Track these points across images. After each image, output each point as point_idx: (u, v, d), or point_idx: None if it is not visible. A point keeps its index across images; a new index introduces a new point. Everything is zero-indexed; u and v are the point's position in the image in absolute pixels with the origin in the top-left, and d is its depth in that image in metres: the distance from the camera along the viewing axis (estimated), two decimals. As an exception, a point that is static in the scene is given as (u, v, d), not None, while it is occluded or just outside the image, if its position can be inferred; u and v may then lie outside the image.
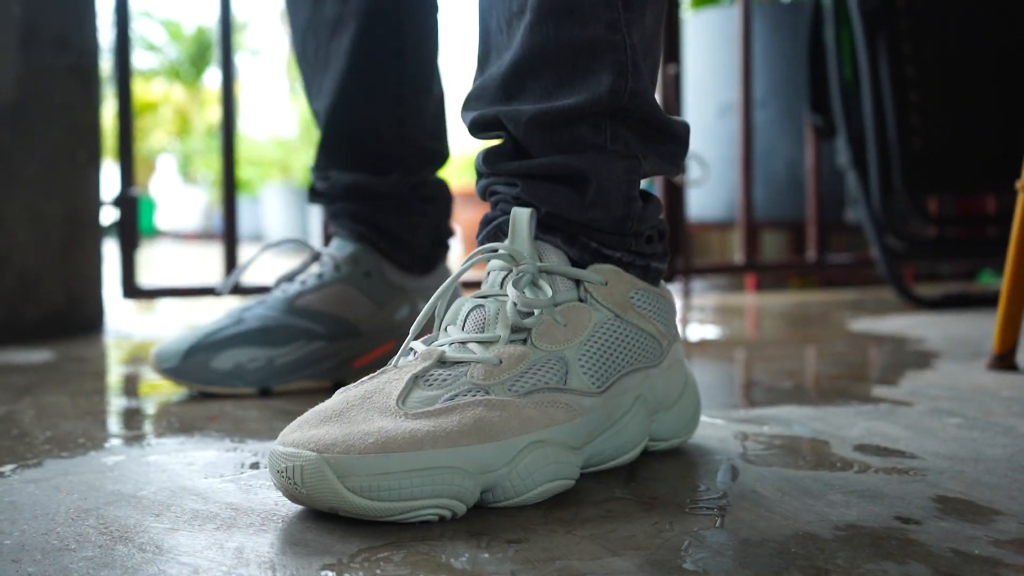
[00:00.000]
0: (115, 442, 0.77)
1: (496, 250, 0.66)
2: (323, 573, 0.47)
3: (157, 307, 2.10)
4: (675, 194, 2.09)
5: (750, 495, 0.60)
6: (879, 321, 1.66)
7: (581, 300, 0.66)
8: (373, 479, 0.53)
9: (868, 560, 0.49)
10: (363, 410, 0.57)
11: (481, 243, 0.71)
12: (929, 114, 1.81)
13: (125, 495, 0.61)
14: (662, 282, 0.73)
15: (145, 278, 2.16)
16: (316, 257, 1.04)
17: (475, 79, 0.72)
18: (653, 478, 0.65)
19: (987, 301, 1.83)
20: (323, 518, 0.56)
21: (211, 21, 13.05)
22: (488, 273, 0.68)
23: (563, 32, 0.66)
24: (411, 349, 0.63)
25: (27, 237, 1.44)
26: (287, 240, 1.07)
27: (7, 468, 0.68)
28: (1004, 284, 1.07)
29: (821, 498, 0.59)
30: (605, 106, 0.66)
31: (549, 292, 0.64)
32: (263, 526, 0.55)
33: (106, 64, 1.74)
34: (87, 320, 1.53)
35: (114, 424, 0.86)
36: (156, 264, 4.64)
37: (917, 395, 0.94)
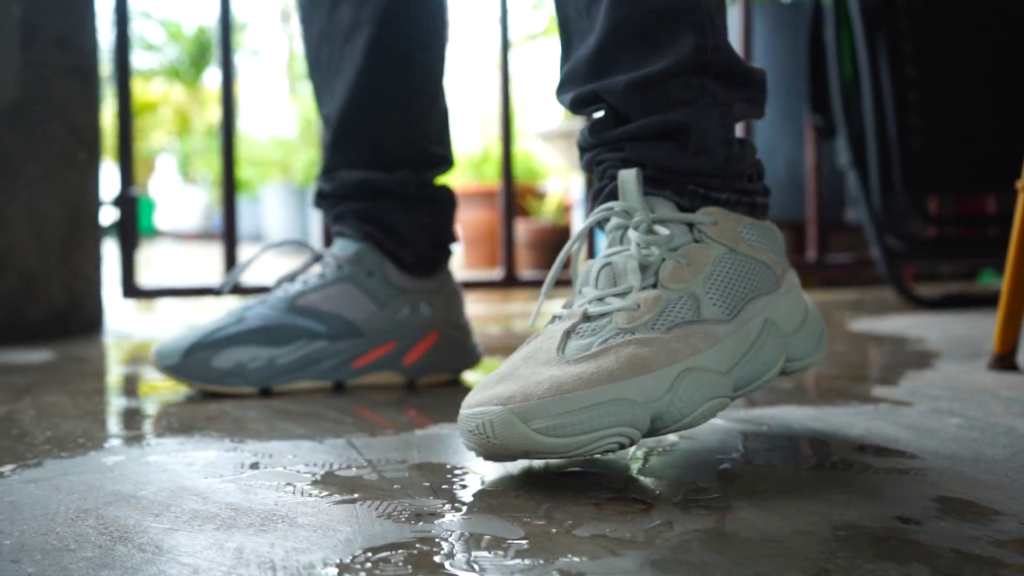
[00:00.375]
0: (115, 442, 0.77)
1: (611, 209, 0.72)
2: (323, 573, 0.47)
3: (157, 307, 2.10)
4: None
5: (750, 495, 0.60)
6: (879, 321, 1.66)
7: (696, 241, 0.72)
8: (555, 419, 0.60)
9: (868, 560, 0.49)
10: (529, 366, 0.64)
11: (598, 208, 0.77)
12: (929, 114, 1.81)
13: (125, 495, 0.61)
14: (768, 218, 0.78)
15: (145, 278, 2.16)
16: (318, 258, 1.04)
17: (562, 65, 0.78)
18: (653, 478, 0.65)
19: (987, 301, 1.83)
20: (322, 519, 0.56)
21: (211, 21, 13.05)
22: (607, 236, 0.74)
23: (642, 4, 0.72)
24: (555, 316, 0.70)
25: (27, 237, 1.44)
26: (288, 241, 1.08)
27: (7, 468, 0.68)
28: (1004, 284, 1.07)
29: (821, 498, 0.59)
30: (691, 64, 0.72)
31: (666, 232, 0.70)
32: (263, 526, 0.55)
33: (106, 64, 1.74)
34: (87, 320, 1.53)
35: (114, 424, 0.86)
36: (156, 264, 4.64)
37: (917, 395, 0.94)
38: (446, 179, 1.09)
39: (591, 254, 2.08)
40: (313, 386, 0.98)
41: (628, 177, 0.72)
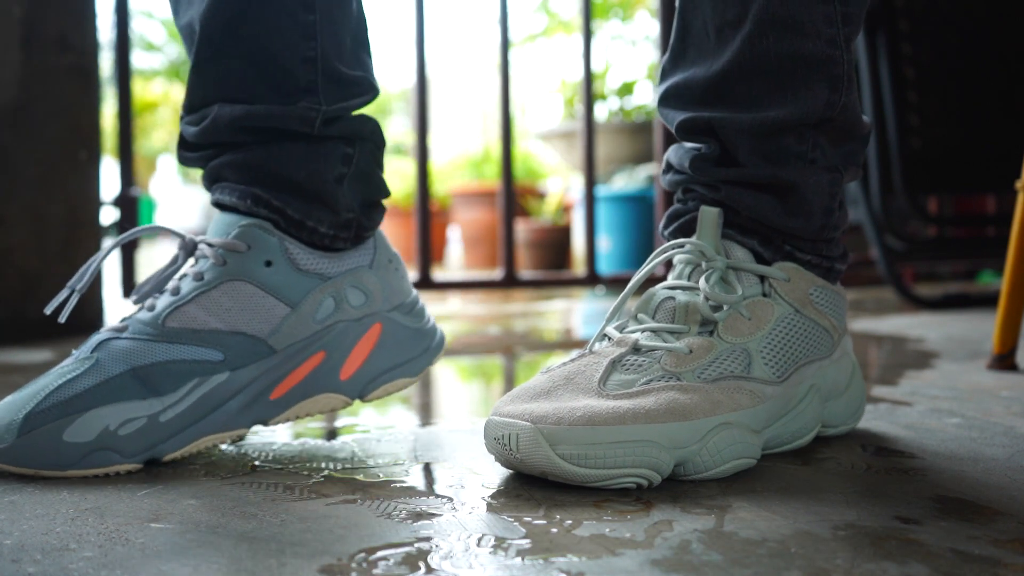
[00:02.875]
0: (115, 442, 0.77)
1: (684, 245, 0.71)
2: (323, 573, 0.47)
3: (157, 307, 2.10)
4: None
5: (750, 495, 0.60)
6: (879, 321, 1.66)
7: (765, 295, 0.71)
8: (581, 448, 0.60)
9: (868, 560, 0.49)
10: (568, 390, 0.64)
11: (670, 236, 0.75)
12: (928, 114, 1.81)
13: (124, 495, 0.61)
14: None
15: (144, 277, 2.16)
16: (191, 249, 0.74)
17: (667, 71, 0.75)
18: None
19: (987, 301, 1.83)
20: (322, 518, 0.56)
21: (211, 21, 13.01)
22: (675, 265, 0.72)
23: (784, 45, 0.69)
24: (605, 335, 0.69)
25: (28, 237, 1.44)
26: (142, 229, 0.76)
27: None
28: (1004, 284, 1.07)
29: (821, 498, 0.59)
30: (817, 117, 0.70)
31: (739, 289, 0.70)
32: (263, 526, 0.55)
33: (106, 64, 1.74)
34: (87, 320, 1.53)
35: (114, 424, 0.86)
36: (156, 264, 4.65)
37: (917, 395, 0.94)
38: (367, 112, 0.79)
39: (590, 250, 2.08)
40: (220, 439, 0.70)
41: (708, 216, 0.70)
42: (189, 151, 0.76)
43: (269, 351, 0.71)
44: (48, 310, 0.71)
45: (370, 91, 0.76)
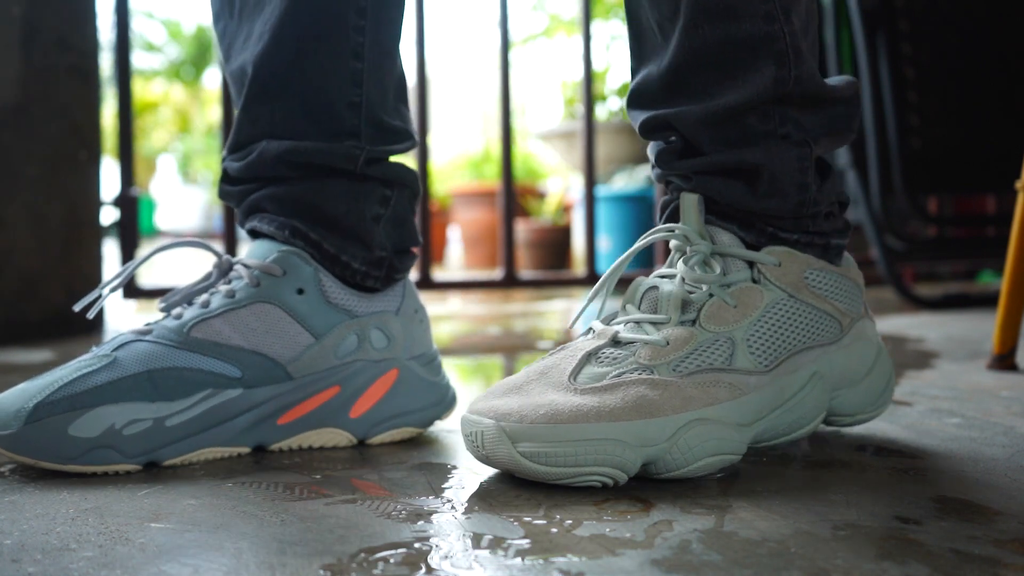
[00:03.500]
0: (115, 442, 0.77)
1: (672, 230, 0.69)
2: (323, 573, 0.47)
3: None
4: (675, 194, 2.10)
5: (750, 495, 0.60)
6: (879, 321, 1.66)
7: (755, 281, 0.68)
8: (542, 446, 0.60)
9: (868, 560, 0.49)
10: (539, 384, 0.63)
11: (663, 221, 0.74)
12: (929, 114, 1.81)
13: (125, 495, 0.61)
14: (848, 259, 0.74)
15: (145, 278, 2.16)
16: (226, 269, 0.75)
17: (632, 74, 0.74)
18: (653, 478, 0.65)
19: (987, 301, 1.83)
20: (322, 520, 0.56)
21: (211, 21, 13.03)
22: (672, 253, 0.71)
23: (719, 31, 0.68)
24: (591, 329, 0.68)
25: (28, 237, 1.44)
26: (184, 241, 0.77)
27: (7, 468, 0.68)
28: (1004, 284, 1.07)
29: (821, 498, 0.59)
30: (770, 96, 0.68)
31: (719, 269, 0.67)
32: (262, 526, 0.55)
33: (106, 64, 1.74)
34: (87, 320, 1.53)
35: (114, 424, 0.86)
36: (156, 264, 4.64)
37: (917, 395, 0.94)
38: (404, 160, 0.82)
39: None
40: (220, 454, 0.70)
41: (689, 202, 0.69)
42: (231, 185, 0.79)
43: (286, 376, 0.72)
44: (78, 307, 0.73)
45: (409, 140, 0.80)
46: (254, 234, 0.77)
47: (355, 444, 0.75)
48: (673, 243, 0.70)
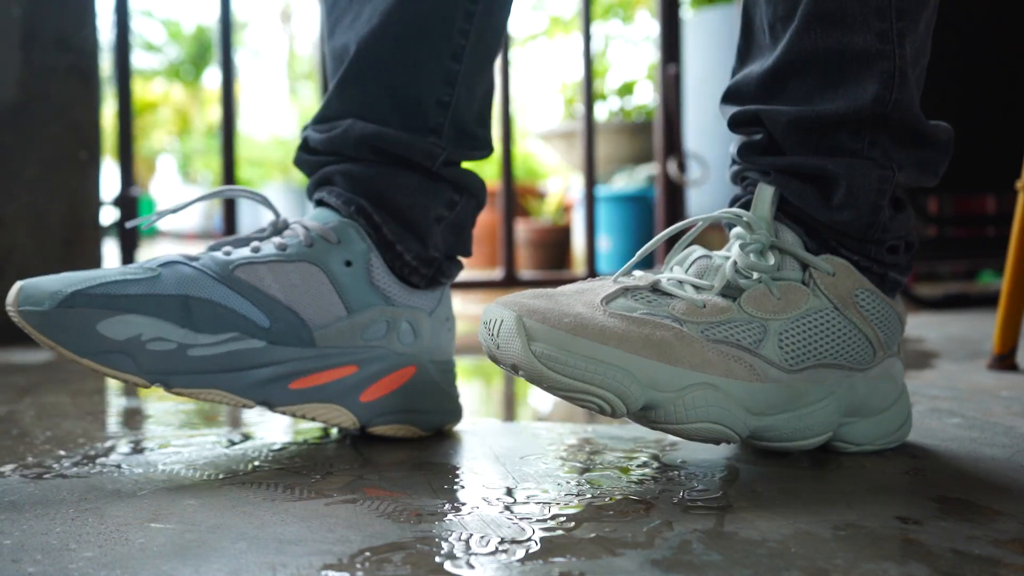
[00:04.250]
0: (115, 442, 0.77)
1: (738, 215, 0.68)
2: (323, 573, 0.47)
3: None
4: (675, 194, 2.09)
5: (750, 495, 0.60)
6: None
7: (804, 284, 0.68)
8: (556, 350, 0.58)
9: (868, 560, 0.49)
10: (571, 297, 0.63)
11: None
12: (929, 114, 1.81)
13: (125, 495, 0.61)
14: (898, 298, 0.73)
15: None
16: (281, 228, 0.76)
17: (734, 71, 0.74)
18: (653, 478, 0.65)
19: (987, 301, 1.83)
20: (322, 519, 0.56)
21: (211, 21, 13.04)
22: (732, 238, 0.70)
23: (831, 40, 0.67)
24: (631, 271, 0.67)
25: (28, 237, 1.44)
26: (240, 190, 0.77)
27: (7, 468, 0.68)
28: (1004, 284, 1.07)
29: (821, 498, 0.59)
30: (866, 115, 0.68)
31: (772, 261, 0.66)
32: (263, 526, 0.55)
33: (106, 64, 1.74)
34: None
35: (114, 424, 0.86)
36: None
37: (917, 395, 0.94)
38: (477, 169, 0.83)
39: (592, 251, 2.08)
40: (226, 400, 0.70)
41: (765, 193, 0.68)
42: (309, 154, 0.80)
43: (310, 342, 0.72)
44: (130, 224, 0.74)
45: (486, 149, 0.81)
46: (320, 204, 0.78)
47: (356, 428, 0.75)
48: (734, 231, 0.70)
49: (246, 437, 0.79)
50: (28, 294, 0.65)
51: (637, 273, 0.67)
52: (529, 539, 0.52)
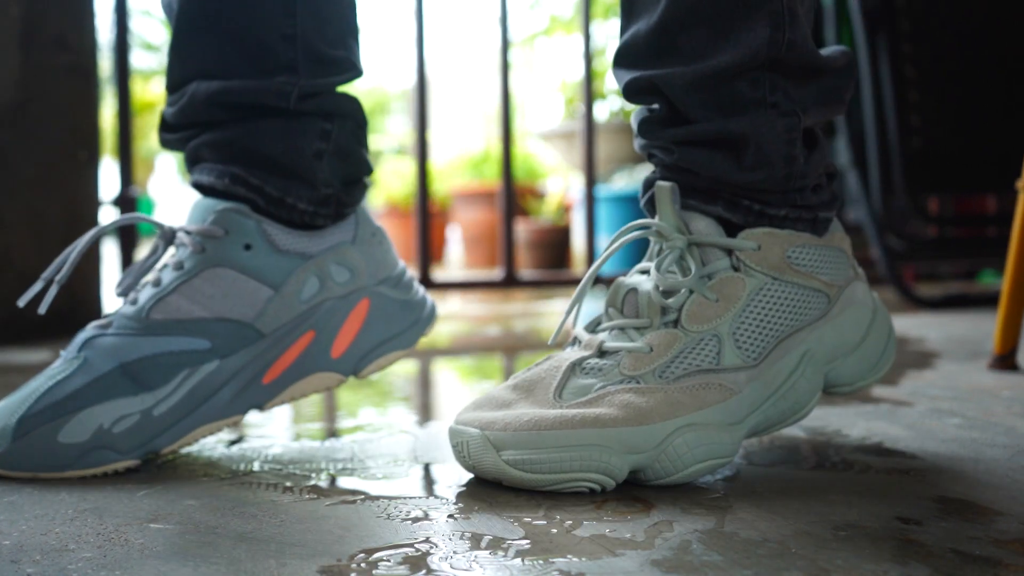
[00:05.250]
0: (114, 442, 0.77)
1: (646, 227, 0.67)
2: (323, 573, 0.47)
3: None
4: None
5: (750, 495, 0.60)
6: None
7: (735, 268, 0.66)
8: (527, 453, 0.59)
9: (868, 560, 0.48)
10: (525, 398, 0.63)
11: (644, 205, 0.71)
12: (929, 114, 1.81)
13: (124, 495, 0.61)
14: (833, 224, 0.71)
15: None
16: (169, 238, 0.72)
17: (621, 32, 0.70)
18: (643, 484, 0.65)
19: (987, 301, 1.83)
20: (322, 520, 0.56)
21: (211, 21, 13.01)
22: (652, 244, 0.68)
23: None
24: (576, 339, 0.66)
25: (27, 237, 1.44)
26: (120, 220, 0.72)
27: (6, 468, 0.68)
28: (1004, 284, 1.07)
29: (821, 498, 0.59)
30: (763, 60, 0.65)
31: (693, 267, 0.65)
32: (262, 527, 0.55)
33: (106, 64, 1.74)
34: (87, 320, 1.53)
35: (113, 424, 0.86)
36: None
37: (917, 395, 0.94)
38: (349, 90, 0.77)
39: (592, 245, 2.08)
40: (217, 428, 0.70)
41: (662, 192, 0.66)
42: (169, 132, 0.75)
43: (257, 335, 0.70)
44: (22, 302, 0.69)
45: (351, 71, 0.76)
46: (197, 187, 0.74)
47: (346, 381, 0.74)
48: (651, 241, 0.68)
49: (245, 438, 0.79)
50: None
51: (582, 335, 0.66)
52: (529, 539, 0.52)
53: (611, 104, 3.95)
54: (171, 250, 0.72)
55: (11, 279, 1.43)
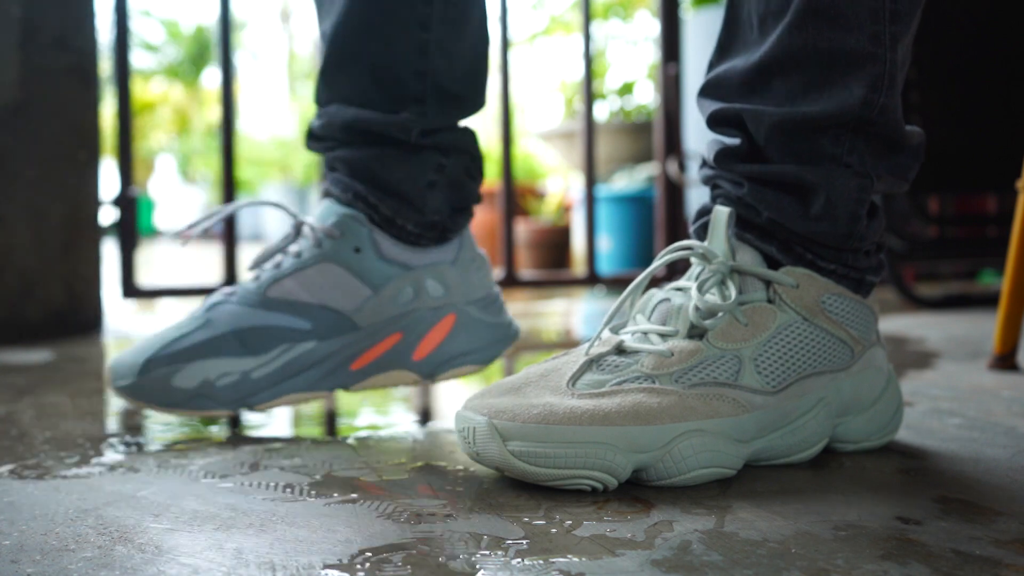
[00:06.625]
0: (114, 442, 0.77)
1: (690, 248, 0.67)
2: (323, 573, 0.47)
3: (157, 307, 2.10)
4: (675, 194, 2.09)
5: (750, 495, 0.60)
6: (880, 321, 1.66)
7: (770, 301, 0.67)
8: (533, 446, 0.59)
9: (868, 560, 0.48)
10: (538, 387, 0.63)
11: (695, 232, 0.73)
12: (930, 114, 1.81)
13: (124, 495, 0.61)
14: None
15: (144, 278, 2.16)
16: (298, 230, 0.84)
17: (712, 65, 0.72)
18: (646, 485, 0.65)
19: (987, 301, 1.82)
20: (322, 519, 0.56)
21: (210, 21, 13.04)
22: (692, 263, 0.69)
23: (823, 38, 0.66)
24: (599, 337, 0.66)
25: (27, 237, 1.44)
26: (265, 202, 0.88)
27: (7, 468, 0.68)
28: (1004, 284, 1.07)
29: (822, 498, 0.59)
30: (853, 118, 0.67)
31: (734, 294, 0.65)
32: (263, 526, 0.55)
33: (106, 64, 1.74)
34: (87, 320, 1.53)
35: (113, 424, 0.86)
36: (155, 264, 4.65)
37: (917, 395, 0.94)
38: (469, 124, 0.87)
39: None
40: (303, 399, 0.81)
41: (719, 216, 0.67)
42: (313, 141, 0.87)
43: (353, 327, 0.81)
44: (178, 231, 0.77)
45: (474, 107, 0.86)
46: (326, 195, 0.85)
47: (421, 383, 0.84)
48: (694, 261, 0.68)
49: (246, 437, 0.79)
50: (115, 371, 0.80)
51: (605, 334, 0.67)
52: (529, 539, 0.52)
53: (611, 104, 3.95)
54: (295, 242, 0.83)
55: (11, 279, 1.43)
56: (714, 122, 0.71)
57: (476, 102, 0.85)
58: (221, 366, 0.78)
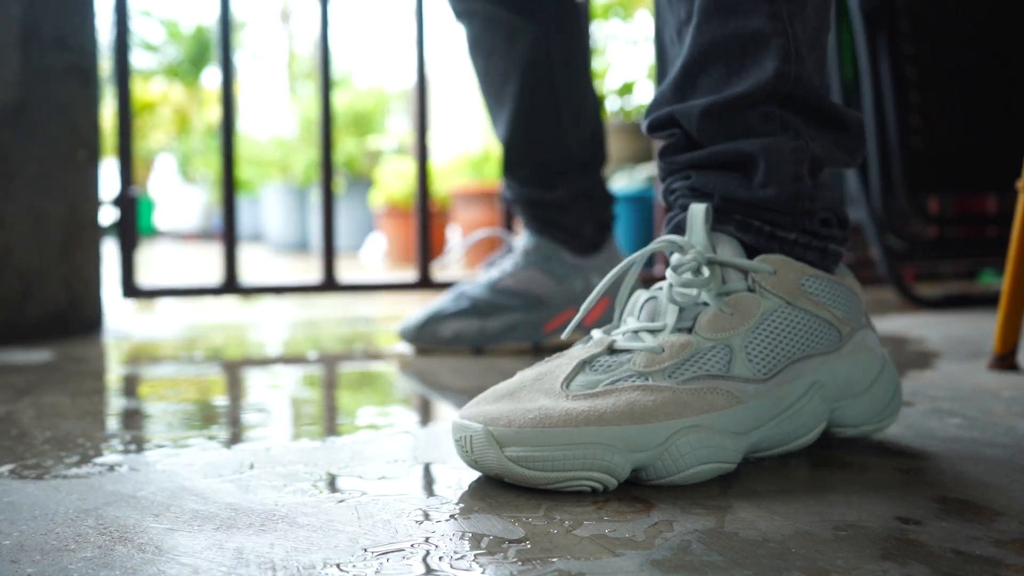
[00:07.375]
0: (114, 442, 0.77)
1: (671, 242, 0.69)
2: (324, 573, 0.47)
3: (157, 307, 2.10)
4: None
5: (750, 495, 0.60)
6: (879, 321, 1.66)
7: (750, 290, 0.68)
8: (530, 450, 0.59)
9: (868, 560, 0.48)
10: (532, 391, 0.64)
11: (671, 230, 0.74)
12: (929, 114, 1.81)
13: (124, 495, 0.61)
14: (845, 269, 0.74)
15: (145, 278, 2.16)
16: (510, 249, 1.37)
17: (654, 92, 0.78)
18: (645, 484, 0.65)
19: (987, 301, 1.82)
20: (322, 519, 0.56)
21: (210, 21, 13.03)
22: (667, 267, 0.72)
23: (728, 27, 0.70)
24: (590, 336, 0.68)
25: (27, 237, 1.44)
26: (488, 232, 1.45)
27: (6, 468, 0.68)
28: (1004, 284, 1.07)
29: (821, 498, 0.59)
30: (771, 90, 0.70)
31: (712, 283, 0.67)
32: (263, 526, 0.55)
33: (106, 64, 1.74)
34: (87, 320, 1.53)
35: (113, 424, 0.86)
36: (156, 264, 4.64)
37: (917, 395, 0.94)
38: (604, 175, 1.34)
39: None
40: (515, 347, 1.26)
41: (697, 213, 0.69)
42: (505, 201, 1.37)
43: (544, 304, 1.28)
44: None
45: (601, 163, 1.33)
46: (525, 227, 1.33)
47: (532, 346, 1.27)
48: (675, 256, 0.69)
49: (246, 437, 0.79)
50: (403, 327, 1.28)
51: (595, 334, 0.67)
52: (528, 539, 0.52)
53: (611, 104, 3.95)
54: (509, 256, 1.32)
55: (11, 279, 1.43)
56: (651, 129, 0.75)
57: (601, 160, 1.32)
58: (467, 324, 1.25)
